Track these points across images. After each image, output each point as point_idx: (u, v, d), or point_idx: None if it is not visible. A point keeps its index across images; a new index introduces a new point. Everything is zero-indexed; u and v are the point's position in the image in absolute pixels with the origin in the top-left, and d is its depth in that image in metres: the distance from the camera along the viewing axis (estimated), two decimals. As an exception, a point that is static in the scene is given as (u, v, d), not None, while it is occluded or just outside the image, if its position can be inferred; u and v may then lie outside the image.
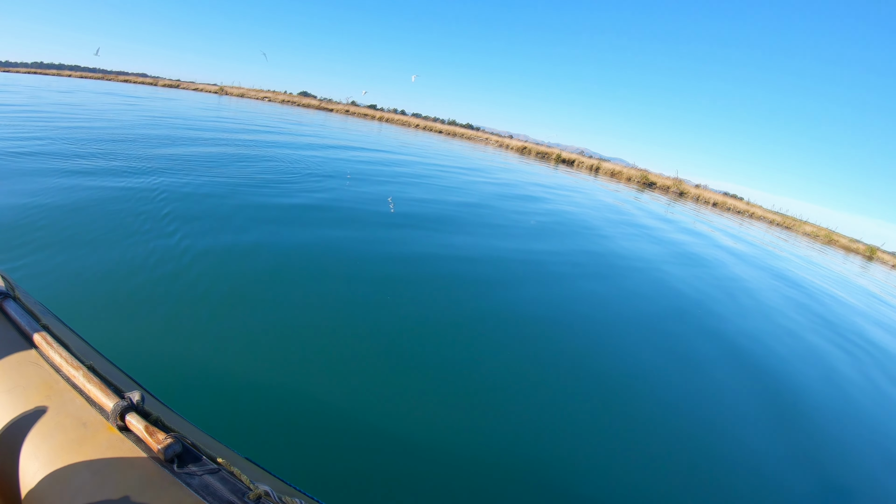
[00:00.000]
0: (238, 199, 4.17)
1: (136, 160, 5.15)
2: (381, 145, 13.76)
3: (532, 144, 29.96)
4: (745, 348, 3.29)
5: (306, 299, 2.57)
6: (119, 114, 10.40)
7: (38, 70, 37.92)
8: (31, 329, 0.85)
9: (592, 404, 2.18)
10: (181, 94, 25.92)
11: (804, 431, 2.42)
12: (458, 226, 4.92)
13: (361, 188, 5.97)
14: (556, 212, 7.33)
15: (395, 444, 1.64)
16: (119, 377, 0.85)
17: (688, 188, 22.86)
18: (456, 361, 2.26)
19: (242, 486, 0.67)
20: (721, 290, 4.78)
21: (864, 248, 18.11)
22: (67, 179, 3.95)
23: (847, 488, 2.06)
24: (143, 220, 3.22)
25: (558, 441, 1.86)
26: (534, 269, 3.94)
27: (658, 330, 3.23)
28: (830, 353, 3.71)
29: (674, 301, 3.96)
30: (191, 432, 0.76)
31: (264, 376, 1.85)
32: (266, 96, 35.96)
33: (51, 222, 2.95)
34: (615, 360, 2.64)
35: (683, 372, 2.70)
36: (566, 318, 3.07)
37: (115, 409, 0.71)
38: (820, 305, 5.39)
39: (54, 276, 2.32)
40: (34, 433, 0.71)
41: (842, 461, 2.25)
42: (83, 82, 27.82)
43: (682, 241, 7.41)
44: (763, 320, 4.10)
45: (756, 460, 2.04)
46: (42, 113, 8.53)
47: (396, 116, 36.63)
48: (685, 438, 2.08)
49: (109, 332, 1.94)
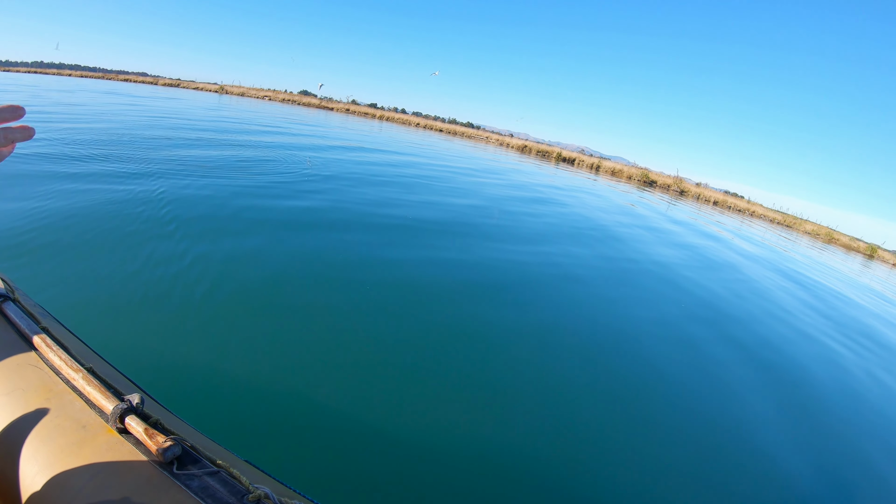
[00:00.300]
0: (240, 201, 4.17)
1: (136, 161, 5.15)
2: (386, 146, 13.66)
3: (533, 143, 29.94)
4: (768, 357, 3.24)
5: (307, 302, 2.57)
6: (120, 114, 10.40)
7: (38, 69, 37.93)
8: (30, 331, 0.85)
9: (610, 407, 2.17)
10: (182, 94, 25.92)
11: (831, 443, 2.39)
12: (463, 228, 4.91)
13: (365, 189, 5.96)
14: (570, 215, 7.24)
15: (396, 447, 1.64)
16: (119, 380, 0.85)
17: (688, 187, 22.84)
18: (461, 364, 2.25)
19: (242, 489, 0.67)
20: (738, 294, 4.74)
21: (865, 247, 18.10)
22: (67, 180, 3.95)
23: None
24: (143, 222, 3.22)
25: (573, 445, 1.86)
26: (549, 272, 3.93)
27: (677, 335, 3.20)
28: (849, 360, 3.69)
29: (693, 307, 3.92)
30: (190, 435, 0.76)
31: (264, 379, 1.85)
32: (267, 95, 35.96)
33: (50, 223, 2.95)
34: (632, 364, 2.63)
35: (704, 379, 2.68)
36: (580, 323, 3.06)
37: (114, 411, 0.71)
38: (836, 309, 5.37)
39: (54, 278, 2.32)
40: (33, 435, 0.71)
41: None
42: (84, 81, 27.82)
43: (698, 244, 7.31)
44: (785, 326, 4.05)
45: (779, 470, 2.03)
46: (44, 113, 8.53)
47: (397, 115, 36.62)
48: (707, 445, 2.07)
49: (109, 335, 1.94)
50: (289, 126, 14.30)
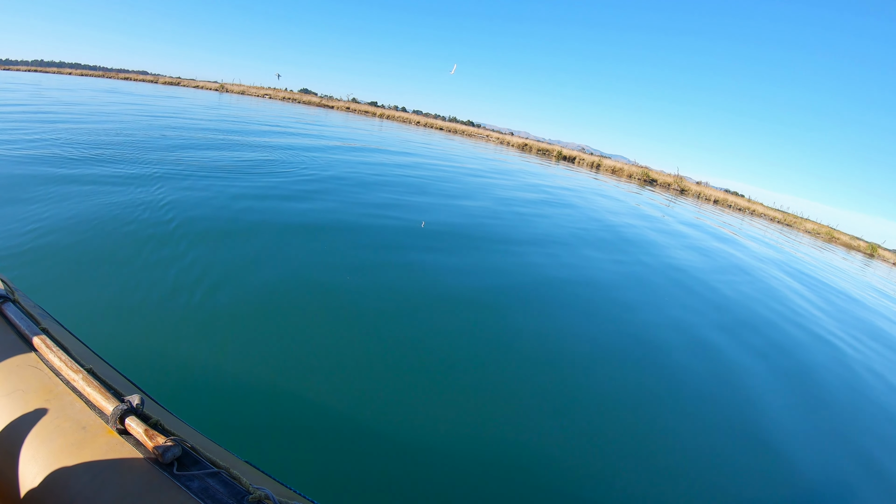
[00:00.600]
0: (243, 203, 4.17)
1: (135, 162, 5.15)
2: (393, 146, 13.41)
3: (533, 141, 29.91)
4: (788, 364, 3.21)
5: (308, 304, 2.57)
6: (122, 113, 10.39)
7: (38, 68, 37.84)
8: (30, 332, 0.85)
9: (627, 412, 2.17)
10: (184, 93, 25.88)
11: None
12: (467, 238, 4.91)
13: (371, 193, 5.96)
14: (582, 218, 6.97)
15: (396, 449, 1.64)
16: (119, 381, 0.85)
17: (689, 185, 22.80)
18: (467, 366, 2.25)
19: (242, 490, 0.67)
20: (754, 297, 4.66)
21: (866, 246, 18.07)
22: (67, 180, 3.95)
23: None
24: (144, 223, 3.22)
25: (589, 450, 1.85)
26: (560, 276, 3.92)
27: (695, 340, 3.18)
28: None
29: (713, 312, 3.87)
30: (191, 436, 0.76)
31: (265, 380, 1.85)
32: (267, 93, 35.93)
33: (51, 224, 2.95)
34: (650, 370, 2.62)
35: (725, 386, 2.65)
36: (595, 329, 3.06)
37: (114, 412, 0.71)
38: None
39: (53, 279, 2.32)
40: (34, 436, 0.71)
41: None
42: (85, 80, 27.80)
43: (719, 249, 7.11)
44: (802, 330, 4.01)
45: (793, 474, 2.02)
46: (48, 113, 8.53)
47: (397, 113, 36.59)
48: (733, 456, 2.06)
49: (109, 336, 1.94)
50: (303, 127, 14.13)
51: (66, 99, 12.30)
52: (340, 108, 34.60)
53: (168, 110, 12.74)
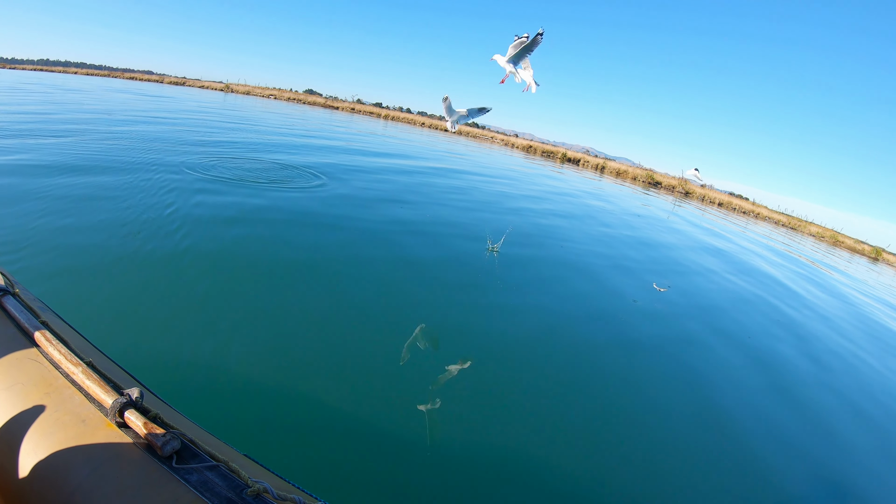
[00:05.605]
0: (243, 200, 4.18)
1: (140, 160, 5.17)
2: (413, 152, 12.19)
3: (538, 143, 29.84)
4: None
5: (307, 300, 2.57)
6: (123, 113, 10.43)
7: (44, 67, 38.05)
8: (30, 326, 0.85)
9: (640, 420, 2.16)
10: (189, 92, 25.94)
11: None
12: (465, 227, 4.91)
13: (375, 190, 5.96)
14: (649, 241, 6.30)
15: (393, 442, 1.63)
16: (118, 374, 0.85)
17: (693, 188, 22.70)
18: (470, 366, 2.25)
19: (241, 483, 0.67)
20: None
21: (870, 250, 17.95)
22: (68, 179, 3.98)
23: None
24: (146, 219, 3.23)
25: (599, 455, 1.84)
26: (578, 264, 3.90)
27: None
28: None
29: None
30: (190, 429, 0.76)
31: (264, 374, 1.85)
32: (272, 94, 36.00)
33: (51, 220, 2.96)
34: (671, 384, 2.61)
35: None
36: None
37: (114, 405, 0.71)
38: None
39: (53, 272, 2.33)
40: (34, 429, 0.71)
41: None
42: (92, 80, 27.96)
43: (771, 274, 6.27)
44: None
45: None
46: (41, 113, 8.58)
47: (402, 114, 36.59)
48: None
49: (109, 329, 1.95)
50: (350, 137, 13.19)
51: (75, 98, 12.32)
52: (345, 109, 34.66)
53: (179, 110, 12.72)
